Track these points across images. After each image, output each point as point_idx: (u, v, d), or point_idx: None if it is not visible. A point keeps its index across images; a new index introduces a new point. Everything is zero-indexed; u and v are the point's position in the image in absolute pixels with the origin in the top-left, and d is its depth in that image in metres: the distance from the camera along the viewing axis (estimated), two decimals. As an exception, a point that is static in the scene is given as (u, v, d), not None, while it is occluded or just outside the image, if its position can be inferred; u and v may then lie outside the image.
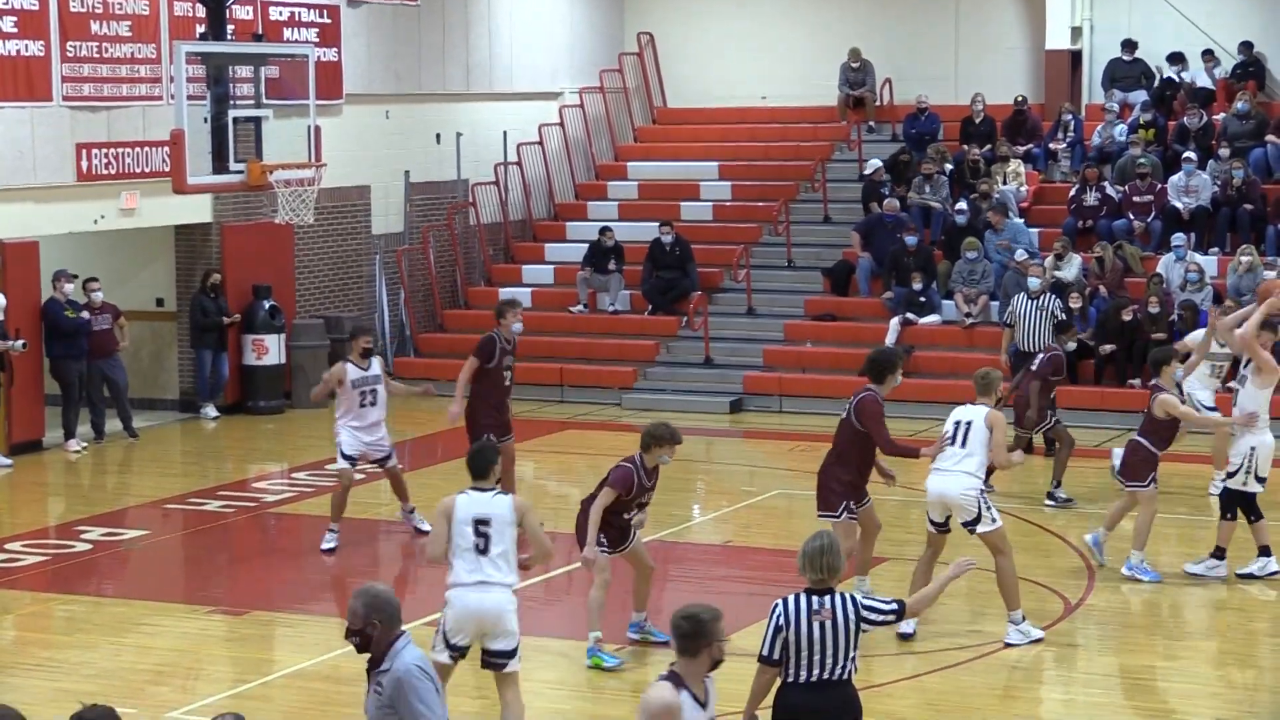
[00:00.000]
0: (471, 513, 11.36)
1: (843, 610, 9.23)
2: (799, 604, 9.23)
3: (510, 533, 11.37)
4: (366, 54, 26.84)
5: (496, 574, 11.28)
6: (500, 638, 11.36)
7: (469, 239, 28.86)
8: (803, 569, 9.35)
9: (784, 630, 9.18)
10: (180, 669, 13.86)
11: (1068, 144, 28.10)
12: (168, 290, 25.02)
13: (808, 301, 26.76)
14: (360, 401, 17.26)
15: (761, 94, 31.44)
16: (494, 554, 11.28)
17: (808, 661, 9.17)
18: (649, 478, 13.60)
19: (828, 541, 9.34)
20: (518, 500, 11.57)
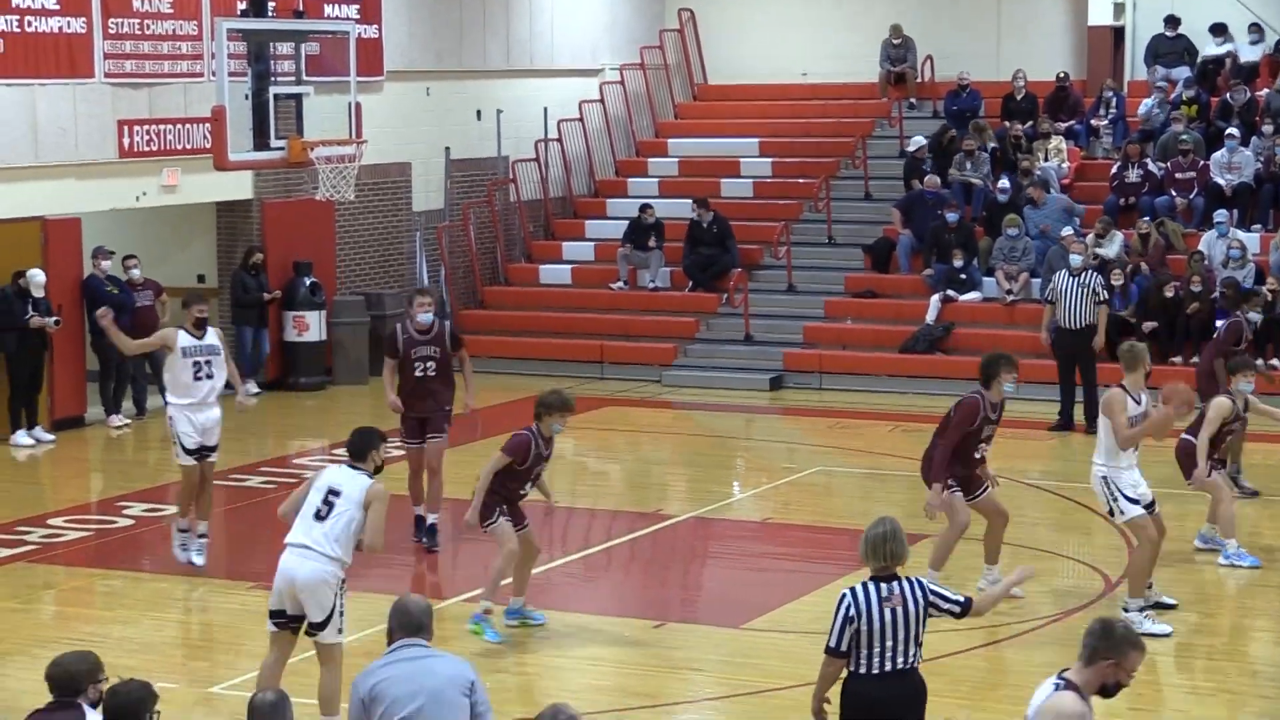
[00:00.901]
0: (329, 481, 11.37)
1: (912, 595, 9.06)
2: (868, 593, 9.03)
3: (354, 513, 11.20)
4: (407, 30, 26.84)
5: (322, 544, 11.13)
6: (311, 607, 11.22)
7: (509, 216, 28.86)
8: (865, 556, 9.17)
9: (855, 621, 8.99)
10: (221, 644, 13.92)
11: (1109, 120, 27.97)
12: (209, 267, 25.08)
13: (848, 278, 26.71)
14: (194, 373, 15.67)
15: (802, 70, 31.36)
16: (328, 526, 11.17)
17: (880, 650, 8.99)
18: (546, 446, 13.50)
19: (890, 528, 9.17)
20: (376, 487, 11.34)
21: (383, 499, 11.31)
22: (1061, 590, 15.06)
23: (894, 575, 9.12)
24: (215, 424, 15.87)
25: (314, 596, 11.21)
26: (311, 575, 11.18)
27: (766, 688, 12.67)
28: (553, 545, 17.55)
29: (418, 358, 16.22)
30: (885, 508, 17.30)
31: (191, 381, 15.62)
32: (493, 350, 26.67)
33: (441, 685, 8.13)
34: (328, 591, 11.21)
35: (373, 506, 11.24)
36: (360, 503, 11.26)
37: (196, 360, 15.66)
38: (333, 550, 11.18)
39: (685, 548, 17.23)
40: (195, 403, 15.69)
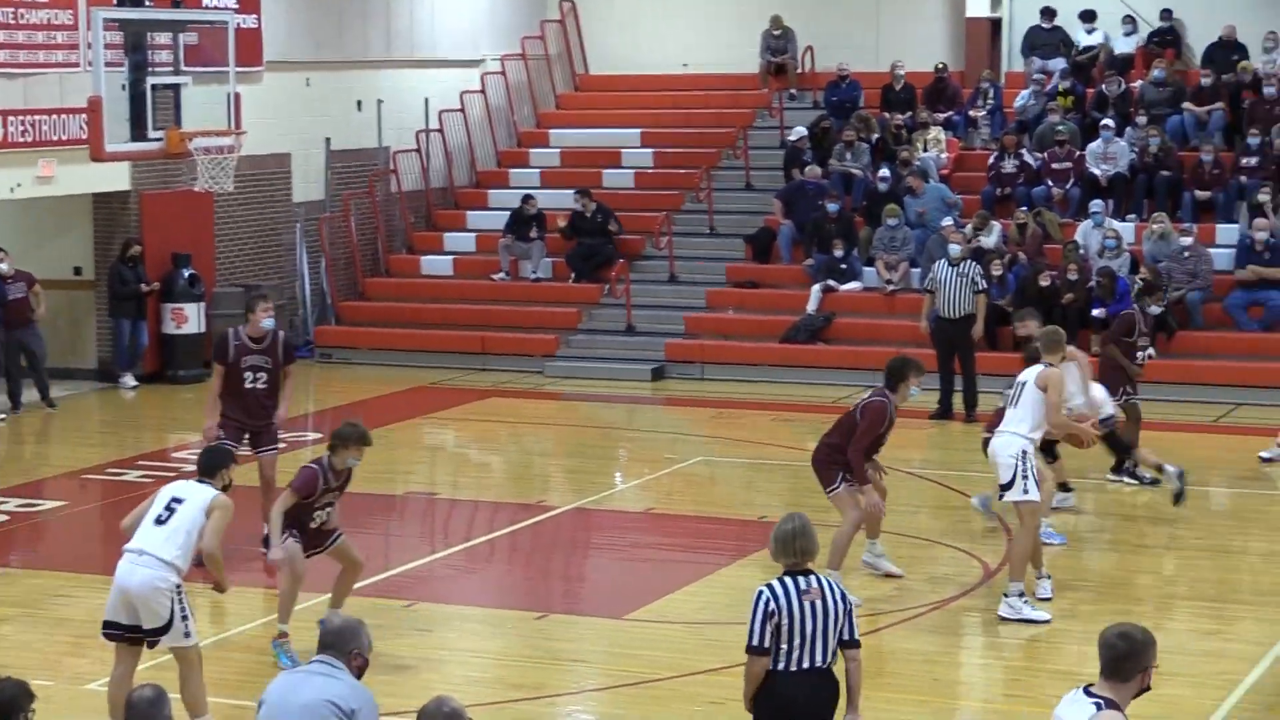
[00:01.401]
0: (173, 491, 11.35)
1: (831, 594, 8.95)
2: (785, 587, 8.91)
3: (197, 519, 11.15)
4: (287, 20, 26.66)
5: (159, 550, 11.04)
6: (145, 615, 11.11)
7: (390, 207, 28.74)
8: (776, 553, 9.09)
9: (775, 615, 8.85)
10: (98, 641, 13.73)
11: (987, 111, 28.22)
12: (86, 259, 24.82)
13: (729, 268, 26.80)
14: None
15: (683, 61, 31.41)
16: (168, 531, 11.10)
17: (799, 646, 8.86)
18: (335, 479, 12.83)
19: (800, 524, 9.11)
20: (221, 497, 11.29)
21: (225, 508, 11.28)
22: (939, 577, 15.19)
23: (808, 570, 9.05)
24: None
25: (147, 604, 11.08)
26: (144, 582, 11.05)
27: (649, 678, 12.71)
28: (435, 537, 17.55)
29: (248, 367, 15.33)
30: (767, 497, 17.49)
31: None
32: (374, 342, 26.58)
33: (309, 703, 8.05)
34: (162, 598, 11.05)
35: (214, 514, 11.20)
36: (203, 509, 11.21)
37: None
38: (168, 554, 11.06)
39: (568, 539, 17.24)
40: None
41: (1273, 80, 26.71)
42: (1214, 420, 21.92)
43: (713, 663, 12.92)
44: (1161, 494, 17.45)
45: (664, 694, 12.39)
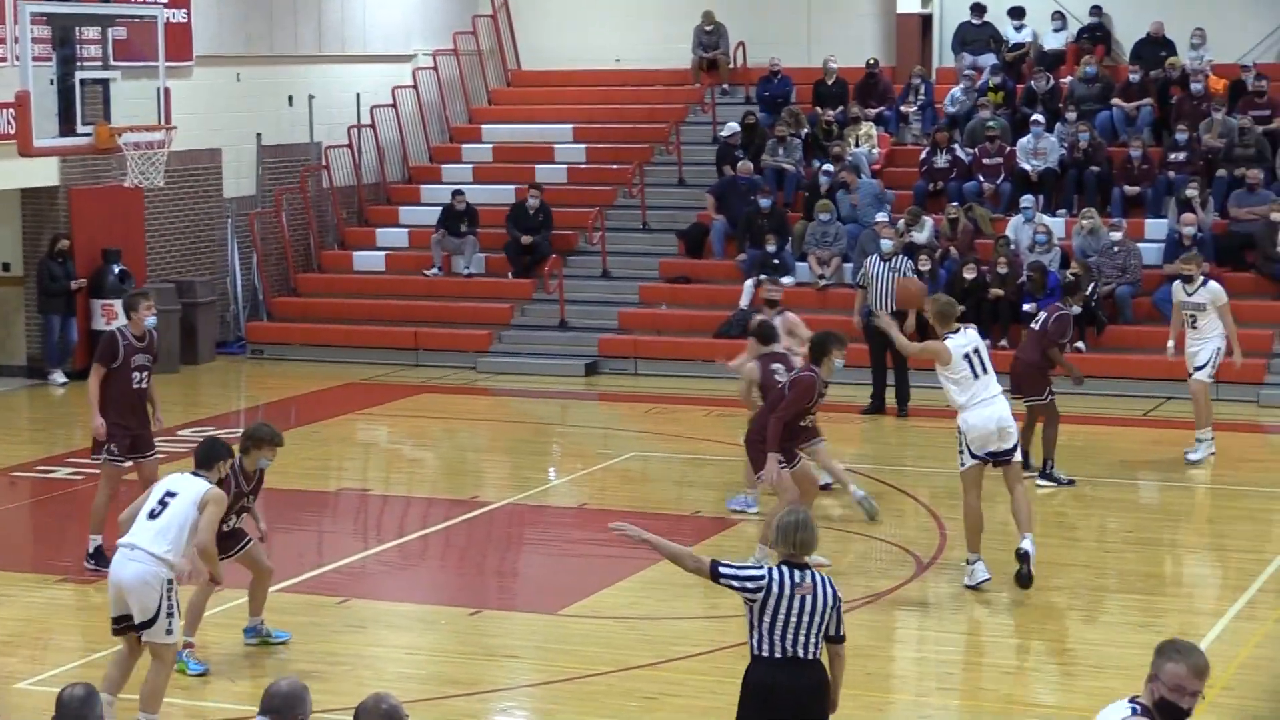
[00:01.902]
0: (167, 485, 11.40)
1: (822, 590, 9.01)
2: (782, 575, 8.98)
3: (189, 513, 11.17)
4: (217, 15, 26.53)
5: (149, 544, 11.07)
6: (135, 607, 11.14)
7: (322, 202, 28.65)
8: (776, 542, 9.15)
9: (760, 592, 8.91)
10: (28, 638, 13.70)
11: (919, 107, 28.33)
12: (14, 254, 24.64)
13: (662, 264, 26.82)
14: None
15: (615, 57, 31.43)
16: (160, 526, 11.13)
17: (782, 636, 8.94)
18: (248, 482, 12.69)
19: (802, 517, 9.16)
20: (214, 490, 11.37)
21: (219, 502, 11.35)
22: (873, 572, 15.25)
23: (804, 564, 9.11)
24: None
25: (138, 597, 11.10)
26: (135, 576, 11.08)
27: (584, 673, 12.72)
28: (367, 533, 17.50)
29: (135, 366, 14.97)
30: (700, 491, 17.53)
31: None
32: (306, 338, 26.49)
33: None
34: (152, 592, 11.07)
35: (208, 508, 11.23)
36: (196, 503, 11.22)
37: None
38: (159, 549, 11.07)
39: (501, 535, 17.22)
40: None
41: (1200, 76, 26.93)
42: (1144, 414, 22.08)
43: (647, 658, 12.95)
44: (1072, 492, 17.68)
45: (599, 689, 12.40)
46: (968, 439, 14.47)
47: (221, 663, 12.84)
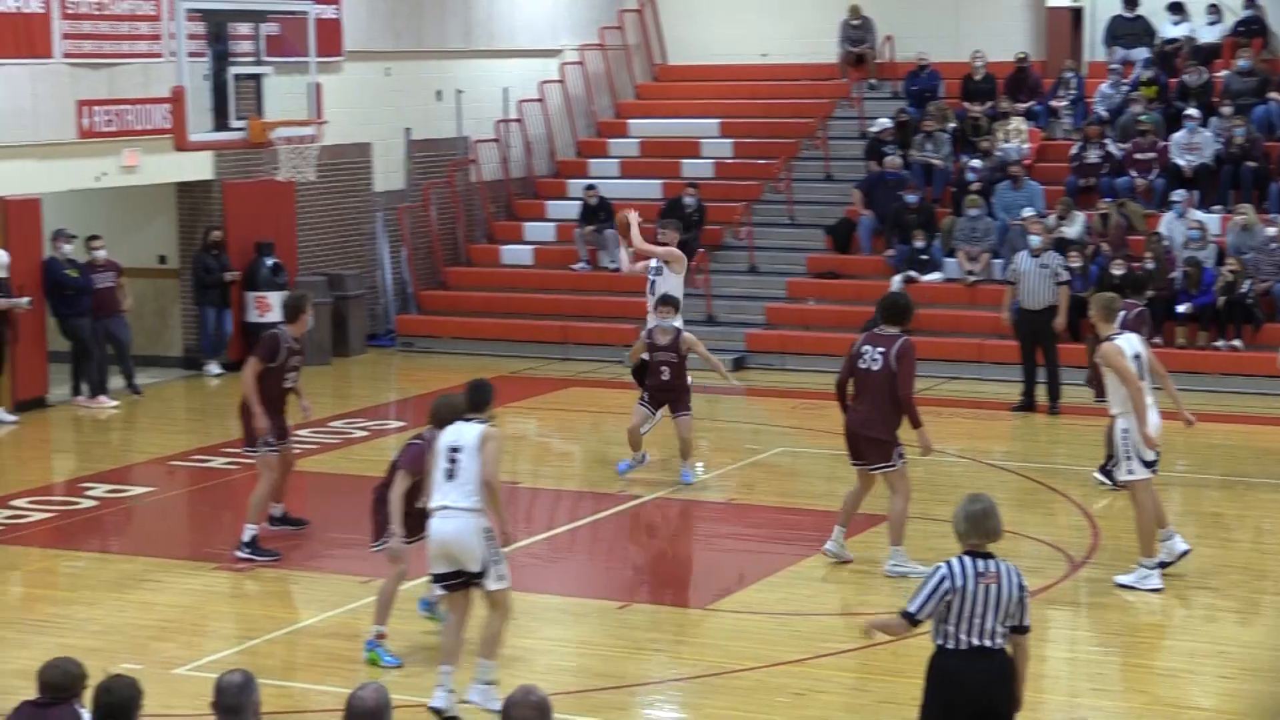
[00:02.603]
0: (448, 441, 11.70)
1: (1008, 578, 9.04)
2: (964, 567, 8.99)
3: (476, 459, 11.54)
4: (367, 11, 26.76)
5: (459, 501, 11.55)
6: (467, 561, 11.66)
7: (470, 196, 28.82)
8: (965, 533, 9.10)
9: (949, 594, 8.93)
10: (185, 625, 13.90)
11: (1069, 101, 28.05)
12: (170, 247, 25.00)
13: (810, 259, 26.74)
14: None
15: (762, 51, 31.37)
16: (459, 480, 11.59)
17: (968, 627, 8.96)
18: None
19: (988, 505, 9.14)
20: (489, 429, 11.67)
21: (496, 439, 11.73)
22: (1024, 570, 15.06)
23: (990, 553, 9.09)
24: None
25: (465, 550, 11.61)
26: (456, 532, 11.59)
27: (731, 668, 12.71)
28: (516, 527, 17.57)
29: (290, 367, 15.64)
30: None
31: None
32: (454, 331, 26.66)
33: None
34: (475, 542, 11.57)
35: (486, 446, 11.62)
36: (476, 448, 11.63)
37: None
38: (469, 503, 11.55)
39: (649, 529, 17.25)
40: None
41: (1359, 69, 26.47)
42: (1300, 413, 21.73)
43: (795, 654, 12.92)
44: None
45: (746, 685, 12.39)
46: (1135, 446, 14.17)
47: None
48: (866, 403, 14.47)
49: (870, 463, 14.67)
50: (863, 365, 14.42)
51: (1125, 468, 14.23)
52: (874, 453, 14.59)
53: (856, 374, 14.50)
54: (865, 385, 14.44)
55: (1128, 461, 14.20)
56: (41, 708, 8.27)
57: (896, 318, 14.52)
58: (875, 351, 14.37)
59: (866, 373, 14.40)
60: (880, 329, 14.52)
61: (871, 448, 14.58)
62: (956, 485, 17.43)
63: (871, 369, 14.37)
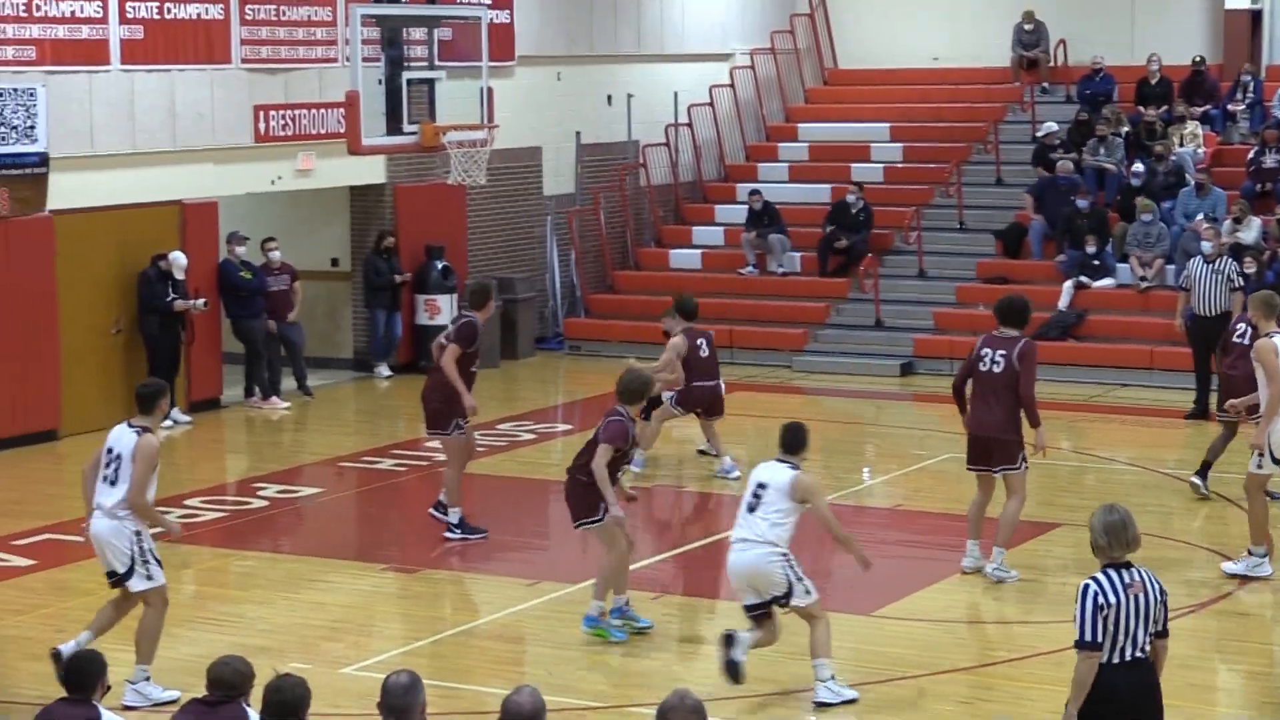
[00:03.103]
0: (758, 477, 12.16)
1: (1151, 585, 8.97)
2: (1112, 581, 8.90)
3: (782, 505, 11.98)
4: (539, 15, 26.93)
5: (759, 534, 11.98)
6: (765, 588, 12.03)
7: (639, 200, 28.91)
8: (1108, 546, 8.96)
9: (1105, 609, 8.83)
10: (354, 625, 14.05)
11: (1246, 105, 27.60)
12: (343, 250, 25.30)
13: (979, 264, 26.53)
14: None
15: (933, 55, 31.18)
16: (759, 515, 12.03)
17: (1123, 640, 8.88)
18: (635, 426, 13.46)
19: (1125, 514, 9.05)
20: (807, 480, 12.05)
21: (818, 492, 12.16)
22: (1195, 581, 14.89)
23: (1129, 563, 9.02)
24: None
25: (764, 579, 12.03)
26: (752, 563, 12.02)
27: (898, 675, 12.64)
28: (682, 530, 17.61)
29: (479, 353, 16.47)
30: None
31: None
32: (623, 335, 26.73)
33: None
34: (774, 570, 11.98)
35: (814, 501, 12.12)
36: (788, 494, 12.04)
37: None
38: (767, 536, 11.96)
39: (815, 534, 17.10)
40: None
41: None
42: None
43: (962, 661, 12.83)
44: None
45: (913, 692, 12.31)
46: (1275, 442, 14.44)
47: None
48: (990, 404, 14.69)
49: (995, 465, 14.82)
50: (983, 368, 14.69)
51: (1255, 460, 14.59)
52: (1001, 454, 14.75)
53: (977, 376, 14.77)
54: (988, 387, 14.68)
55: (1259, 456, 14.52)
56: (210, 705, 8.40)
57: (1015, 320, 14.76)
58: (997, 354, 14.61)
59: (988, 375, 14.65)
60: (1000, 331, 14.72)
61: (999, 449, 14.74)
62: (1128, 494, 17.22)
63: (993, 371, 14.61)
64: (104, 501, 12.01)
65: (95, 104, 21.04)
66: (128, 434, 12.04)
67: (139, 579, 12.05)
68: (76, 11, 20.69)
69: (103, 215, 21.29)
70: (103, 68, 21.06)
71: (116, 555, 12.03)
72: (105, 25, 21.01)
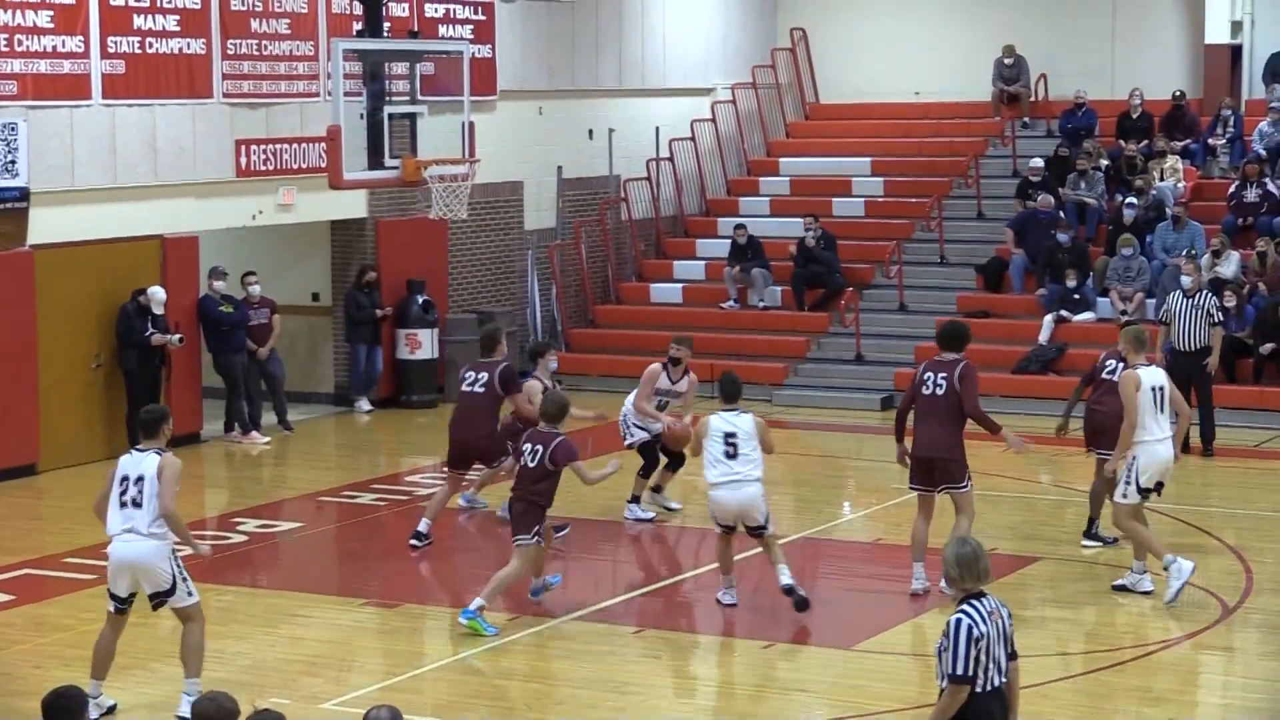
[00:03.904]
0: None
1: (1000, 610, 9.05)
2: (979, 611, 8.96)
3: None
4: (520, 50, 26.98)
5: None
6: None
7: (620, 234, 28.94)
8: (960, 577, 9.02)
9: (980, 640, 8.88)
10: (333, 660, 14.01)
11: (1227, 140, 27.70)
12: (323, 285, 25.30)
13: (960, 298, 26.58)
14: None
15: (914, 89, 31.27)
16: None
17: (988, 667, 8.93)
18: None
19: (977, 546, 9.12)
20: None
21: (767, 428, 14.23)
22: (1175, 614, 14.90)
23: (984, 592, 9.07)
24: None
25: (754, 509, 14.63)
26: (750, 496, 14.63)
27: (877, 710, 12.62)
28: (663, 565, 17.59)
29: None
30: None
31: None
32: (603, 369, 26.73)
33: None
34: (763, 502, 14.65)
35: (768, 436, 14.74)
36: (755, 434, 14.74)
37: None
38: (755, 474, 14.57)
39: (795, 568, 17.07)
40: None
41: None
42: None
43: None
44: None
45: (892, 727, 12.31)
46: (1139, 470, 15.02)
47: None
48: (932, 425, 15.08)
49: (937, 484, 15.15)
50: (926, 391, 15.06)
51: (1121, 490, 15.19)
52: (943, 473, 15.07)
53: (920, 401, 15.13)
54: (930, 409, 15.06)
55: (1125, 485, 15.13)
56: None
57: (954, 344, 15.20)
58: (939, 377, 15.03)
59: (931, 397, 15.02)
60: (940, 356, 15.19)
61: (941, 468, 15.06)
62: (1106, 528, 17.21)
63: (936, 393, 14.98)
64: (137, 525, 12.15)
65: (76, 138, 21.04)
66: (147, 457, 12.25)
67: (181, 595, 12.33)
68: (58, 46, 20.71)
69: (83, 250, 21.28)
70: (84, 102, 21.06)
71: (159, 576, 12.25)
72: (87, 60, 21.02)
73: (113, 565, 12.33)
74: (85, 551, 17.00)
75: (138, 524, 12.13)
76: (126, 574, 12.27)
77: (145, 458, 12.25)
